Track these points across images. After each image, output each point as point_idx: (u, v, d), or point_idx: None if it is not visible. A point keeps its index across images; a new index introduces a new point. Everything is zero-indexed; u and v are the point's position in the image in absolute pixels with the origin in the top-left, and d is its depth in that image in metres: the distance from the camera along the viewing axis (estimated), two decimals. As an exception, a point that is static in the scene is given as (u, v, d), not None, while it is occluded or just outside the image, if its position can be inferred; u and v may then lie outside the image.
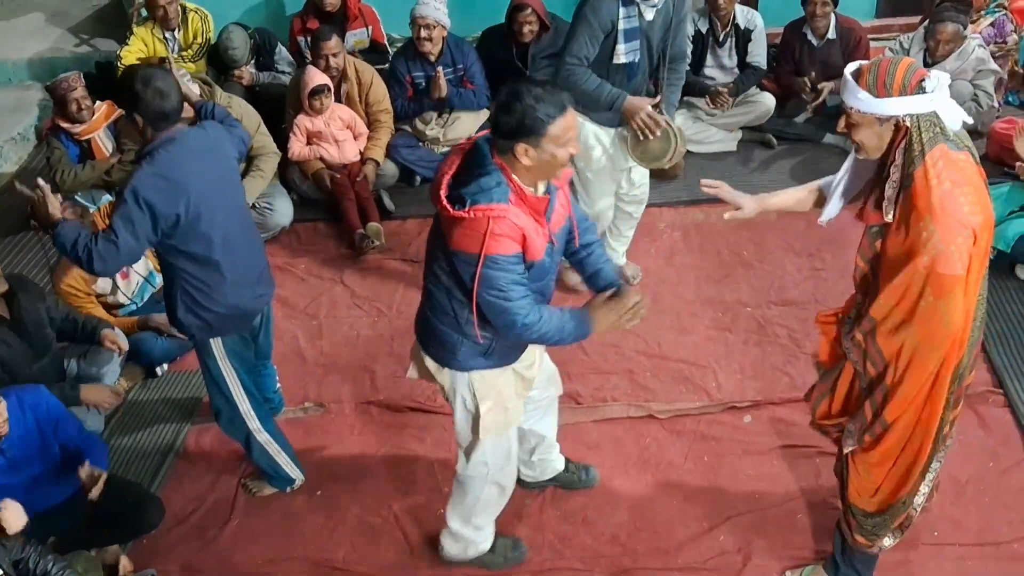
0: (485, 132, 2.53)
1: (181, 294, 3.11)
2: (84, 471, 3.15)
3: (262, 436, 3.51)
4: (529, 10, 5.32)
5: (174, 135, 2.93)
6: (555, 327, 2.59)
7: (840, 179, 2.66)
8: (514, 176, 2.44)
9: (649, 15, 3.69)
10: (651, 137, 3.78)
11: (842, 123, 2.44)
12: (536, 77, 5.18)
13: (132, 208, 2.87)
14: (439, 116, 5.52)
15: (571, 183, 3.88)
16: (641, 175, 4.28)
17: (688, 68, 4.93)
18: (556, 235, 2.61)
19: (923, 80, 2.29)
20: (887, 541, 2.92)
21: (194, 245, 3.01)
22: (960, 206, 2.29)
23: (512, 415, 2.94)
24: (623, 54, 3.73)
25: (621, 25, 3.66)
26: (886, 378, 2.52)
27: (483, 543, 3.30)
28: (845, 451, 2.76)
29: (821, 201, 2.80)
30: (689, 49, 3.98)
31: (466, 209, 2.39)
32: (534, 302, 2.54)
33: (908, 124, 2.32)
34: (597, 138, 4.02)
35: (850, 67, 2.39)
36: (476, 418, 2.87)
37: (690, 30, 5.20)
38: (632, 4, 3.64)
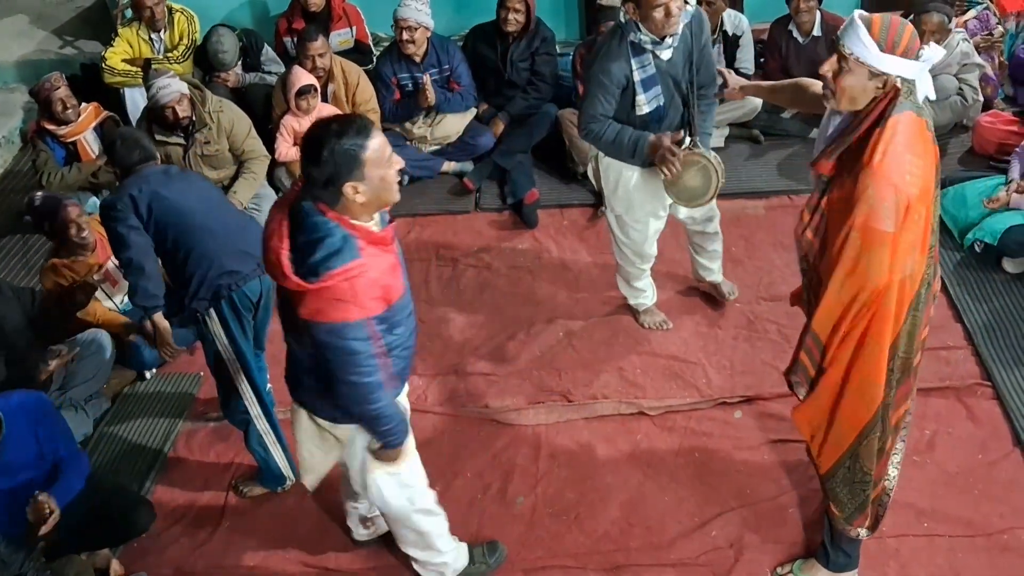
0: (298, 189, 2.41)
1: (179, 271, 3.37)
2: (30, 508, 3.04)
3: (261, 424, 3.55)
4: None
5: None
6: (382, 416, 2.58)
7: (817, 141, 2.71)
8: (354, 222, 2.35)
9: (667, 55, 3.44)
10: (672, 174, 3.50)
11: (832, 64, 2.41)
12: (330, 117, 5.31)
13: (110, 222, 3.32)
14: (426, 116, 5.52)
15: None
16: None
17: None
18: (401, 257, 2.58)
19: (921, 49, 2.35)
20: (862, 532, 2.96)
21: (167, 216, 3.33)
22: (903, 170, 2.34)
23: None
24: (645, 104, 3.51)
25: (636, 77, 3.45)
26: (812, 326, 2.60)
27: (458, 560, 3.21)
28: (801, 397, 2.82)
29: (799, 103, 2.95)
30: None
31: (321, 278, 2.28)
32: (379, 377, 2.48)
33: (899, 85, 2.35)
34: (619, 177, 3.78)
35: (859, 12, 2.38)
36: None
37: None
38: (643, 53, 3.43)
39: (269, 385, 3.95)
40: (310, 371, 2.60)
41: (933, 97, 2.46)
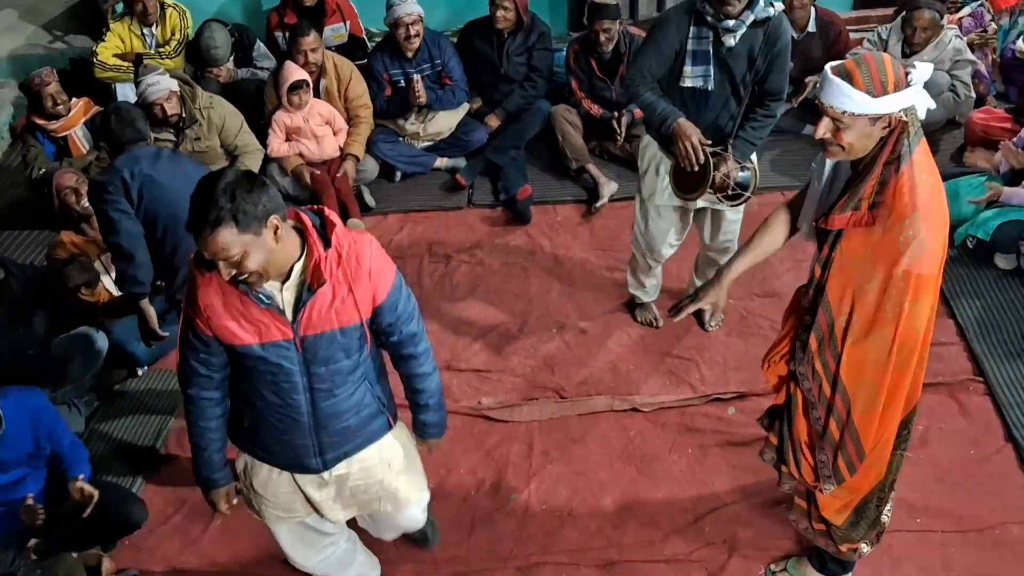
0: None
1: (166, 263, 3.34)
2: (75, 488, 3.11)
3: None
4: None
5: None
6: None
7: (813, 198, 2.53)
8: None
9: (730, 41, 3.34)
10: (688, 166, 3.46)
11: (827, 127, 2.25)
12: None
13: (99, 203, 3.26)
14: (418, 112, 5.50)
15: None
16: (729, 224, 3.90)
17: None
18: None
19: (907, 74, 2.22)
20: (864, 548, 2.91)
21: (156, 204, 3.28)
22: (942, 201, 2.24)
23: None
24: (689, 77, 3.44)
25: (690, 46, 3.39)
26: (836, 402, 2.46)
27: None
28: (826, 493, 2.70)
29: (790, 228, 2.69)
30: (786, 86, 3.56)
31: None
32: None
33: (905, 119, 2.21)
34: (653, 159, 3.74)
35: (831, 67, 2.24)
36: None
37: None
38: (705, 26, 3.35)
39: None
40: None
41: (933, 106, 2.29)
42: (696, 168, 3.44)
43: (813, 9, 5.37)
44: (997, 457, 3.58)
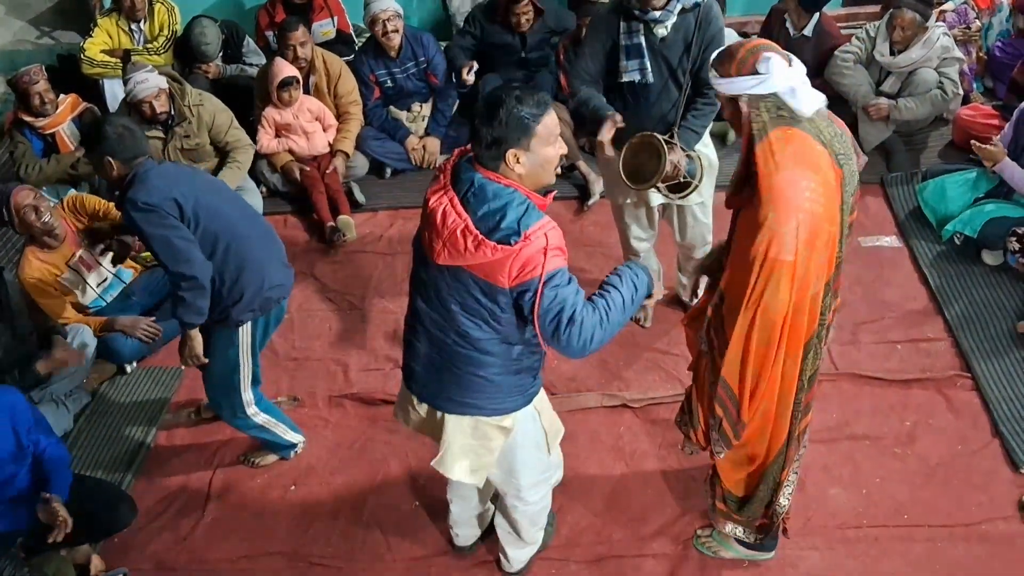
0: (455, 158, 2.41)
1: (224, 283, 3.14)
2: (42, 511, 3.02)
3: (260, 417, 3.54)
4: (525, 1, 5.29)
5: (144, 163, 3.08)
6: (619, 309, 2.49)
7: None
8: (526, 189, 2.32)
9: (661, 32, 3.41)
10: (604, 153, 3.45)
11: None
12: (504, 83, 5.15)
13: (158, 228, 2.95)
14: (408, 111, 5.50)
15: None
16: (697, 222, 3.91)
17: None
18: None
19: (758, 62, 2.31)
20: (739, 531, 3.08)
21: (214, 224, 3.08)
22: (801, 191, 2.30)
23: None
24: (626, 72, 3.48)
25: (622, 41, 3.45)
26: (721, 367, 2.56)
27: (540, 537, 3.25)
28: (720, 457, 2.82)
29: None
30: None
31: (523, 237, 2.24)
32: (586, 302, 2.43)
33: (744, 104, 2.35)
34: (608, 164, 3.70)
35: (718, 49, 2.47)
36: (541, 438, 2.81)
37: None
38: (634, 20, 3.41)
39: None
40: (473, 364, 2.52)
41: (818, 107, 2.36)
42: (645, 154, 3.37)
43: (817, 15, 5.30)
44: (984, 452, 3.60)
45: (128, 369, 4.28)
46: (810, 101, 2.33)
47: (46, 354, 3.79)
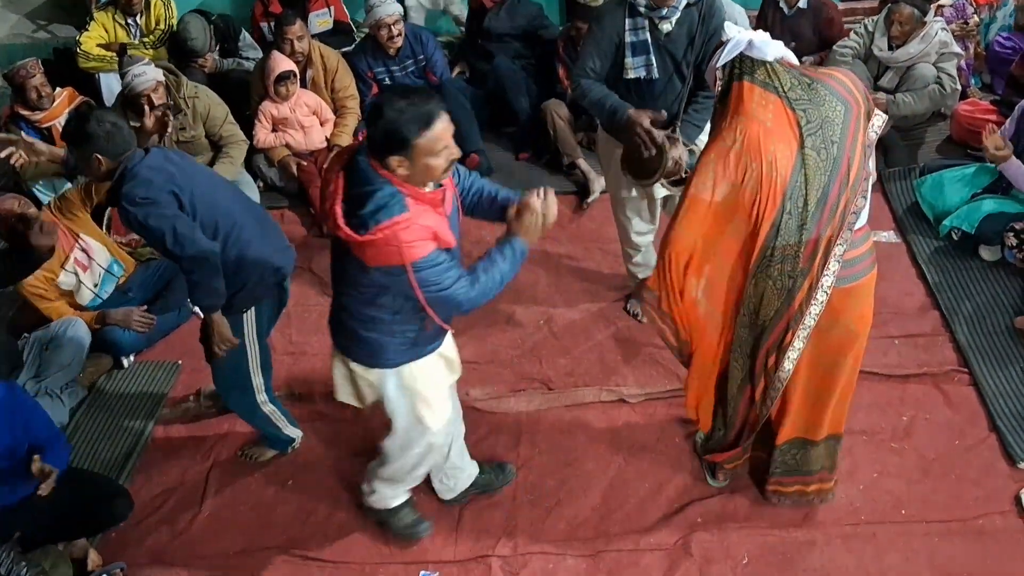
0: (359, 143, 2.50)
1: (225, 271, 3.12)
2: (35, 466, 3.02)
3: (267, 408, 3.53)
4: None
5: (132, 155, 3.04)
6: (495, 281, 2.61)
7: None
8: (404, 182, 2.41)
9: (666, 27, 3.42)
10: (647, 152, 3.37)
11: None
12: (403, 85, 5.20)
13: (159, 220, 2.92)
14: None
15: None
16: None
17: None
18: (452, 217, 2.63)
19: (722, 37, 2.67)
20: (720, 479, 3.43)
21: (212, 214, 3.08)
22: (720, 141, 2.62)
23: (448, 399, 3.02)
24: (631, 68, 3.50)
25: (627, 38, 3.45)
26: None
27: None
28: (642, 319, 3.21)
29: None
30: None
31: (371, 231, 2.35)
32: (465, 274, 2.55)
33: (720, 73, 2.68)
34: (610, 153, 3.76)
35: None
36: (415, 407, 2.88)
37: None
38: (639, 16, 3.41)
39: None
40: (352, 315, 2.71)
41: (779, 53, 2.58)
42: (652, 153, 3.37)
43: None
44: (981, 447, 3.60)
45: (125, 364, 4.27)
46: (771, 48, 2.58)
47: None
